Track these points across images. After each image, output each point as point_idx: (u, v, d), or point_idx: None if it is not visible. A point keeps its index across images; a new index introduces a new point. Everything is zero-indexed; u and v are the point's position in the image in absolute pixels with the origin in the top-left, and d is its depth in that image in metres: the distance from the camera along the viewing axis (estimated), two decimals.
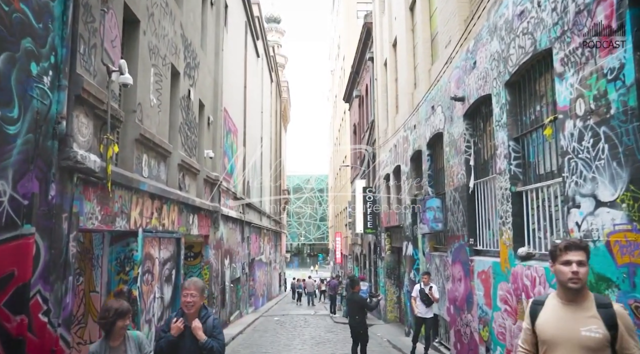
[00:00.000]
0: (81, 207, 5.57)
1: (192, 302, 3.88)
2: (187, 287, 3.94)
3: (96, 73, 5.82)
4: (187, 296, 3.89)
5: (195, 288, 3.92)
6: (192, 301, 3.88)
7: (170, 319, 4.01)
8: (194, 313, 3.92)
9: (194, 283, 3.97)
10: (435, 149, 10.78)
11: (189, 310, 3.90)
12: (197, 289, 3.92)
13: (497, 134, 6.95)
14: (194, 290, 3.91)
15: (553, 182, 5.59)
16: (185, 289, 3.94)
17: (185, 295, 3.90)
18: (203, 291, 3.99)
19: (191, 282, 3.99)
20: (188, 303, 3.88)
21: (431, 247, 10.95)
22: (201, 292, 3.95)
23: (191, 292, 3.90)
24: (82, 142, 5.46)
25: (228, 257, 15.88)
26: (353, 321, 9.25)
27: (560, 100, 5.10)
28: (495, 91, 6.95)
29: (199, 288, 3.95)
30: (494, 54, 6.99)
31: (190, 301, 3.88)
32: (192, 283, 3.96)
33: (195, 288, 3.92)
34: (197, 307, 3.92)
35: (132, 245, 7.50)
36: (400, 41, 14.19)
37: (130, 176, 7.02)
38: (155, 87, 8.38)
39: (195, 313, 3.93)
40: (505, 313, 6.57)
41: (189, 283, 3.97)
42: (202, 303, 3.99)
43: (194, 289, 3.91)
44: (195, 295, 3.90)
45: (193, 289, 3.91)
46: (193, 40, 11.20)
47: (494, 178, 7.35)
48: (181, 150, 10.17)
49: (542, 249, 5.89)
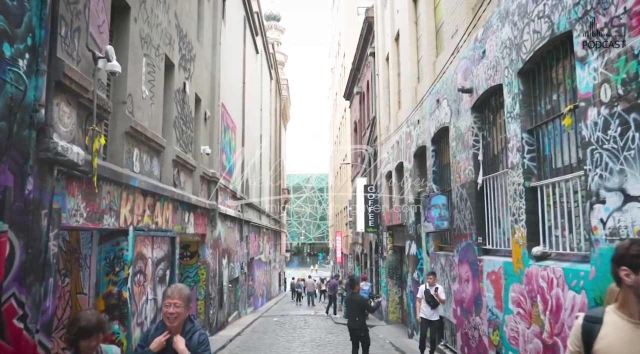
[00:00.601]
0: (63, 203, 5.17)
1: (175, 313, 3.31)
2: (170, 295, 3.34)
3: (80, 59, 5.41)
4: (169, 306, 3.31)
5: (180, 296, 3.34)
6: (176, 312, 3.31)
7: (148, 332, 3.45)
8: (177, 326, 3.35)
9: (178, 291, 3.38)
10: (440, 144, 10.37)
11: (172, 323, 3.32)
12: (182, 298, 3.34)
13: (508, 127, 6.54)
14: (178, 299, 3.33)
15: (572, 176, 5.18)
16: (168, 297, 3.34)
17: (168, 305, 3.32)
18: (189, 300, 3.41)
19: (175, 290, 3.39)
20: (171, 314, 3.30)
21: (436, 246, 10.55)
22: (186, 302, 3.37)
23: (175, 301, 3.32)
24: (64, 133, 5.06)
25: (226, 257, 15.47)
26: (353, 323, 8.81)
27: (582, 86, 4.70)
28: (507, 81, 6.55)
29: (184, 297, 3.36)
30: (505, 41, 6.59)
31: (173, 312, 3.31)
32: (176, 291, 3.36)
33: (180, 296, 3.34)
34: (181, 319, 3.35)
35: (122, 244, 7.09)
36: (403, 34, 13.79)
37: (119, 171, 6.61)
38: (147, 78, 7.97)
39: (179, 326, 3.36)
40: (518, 316, 6.17)
41: (173, 290, 3.38)
42: (187, 315, 3.41)
43: (179, 298, 3.33)
44: (180, 305, 3.32)
45: (177, 299, 3.33)
46: (189, 31, 10.79)
47: (505, 173, 6.95)
48: (176, 145, 9.77)
49: (560, 248, 5.49)
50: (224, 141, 15.25)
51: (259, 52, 25.67)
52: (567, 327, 4.98)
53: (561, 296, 5.11)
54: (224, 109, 15.22)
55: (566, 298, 5.00)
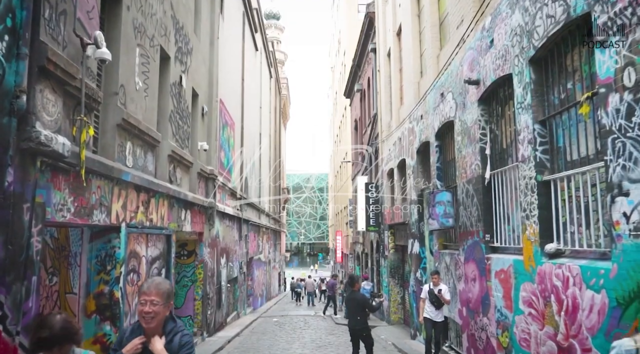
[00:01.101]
0: (48, 197, 4.86)
1: (152, 312, 2.79)
2: (145, 291, 2.82)
3: (66, 44, 5.10)
4: (145, 304, 2.80)
5: (157, 292, 2.82)
6: (153, 311, 2.79)
7: (122, 335, 2.97)
8: (154, 327, 2.83)
9: (155, 285, 2.86)
10: (445, 139, 10.06)
11: (148, 323, 2.81)
12: (160, 294, 2.82)
13: (519, 118, 6.23)
14: (155, 296, 2.81)
15: (590, 168, 4.87)
16: (144, 293, 2.82)
17: (143, 303, 2.80)
18: (169, 297, 2.89)
19: (152, 284, 2.87)
20: (146, 314, 2.79)
21: (440, 244, 10.24)
22: (166, 298, 2.85)
23: (152, 298, 2.80)
24: (48, 122, 4.74)
25: (224, 256, 15.16)
26: (354, 322, 8.45)
27: (602, 71, 4.39)
28: (517, 70, 6.23)
29: (163, 292, 2.84)
30: (515, 28, 6.28)
31: (149, 311, 2.79)
32: (153, 286, 2.85)
33: (157, 292, 2.82)
34: (159, 319, 2.83)
35: (114, 242, 6.78)
36: (405, 28, 13.48)
37: (110, 165, 6.30)
38: (141, 69, 7.66)
39: (157, 327, 2.84)
40: (530, 317, 5.86)
41: (149, 285, 2.86)
42: (167, 314, 2.89)
43: (156, 294, 2.81)
44: (158, 303, 2.81)
45: (154, 295, 2.81)
46: (185, 23, 10.47)
47: (514, 167, 6.64)
48: (172, 140, 9.46)
49: (576, 245, 5.17)
50: (222, 138, 14.94)
51: (259, 50, 25.35)
52: (584, 328, 4.67)
53: (578, 296, 4.79)
54: (223, 105, 14.90)
55: (584, 297, 4.69)
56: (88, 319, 6.49)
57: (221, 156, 14.84)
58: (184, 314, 11.85)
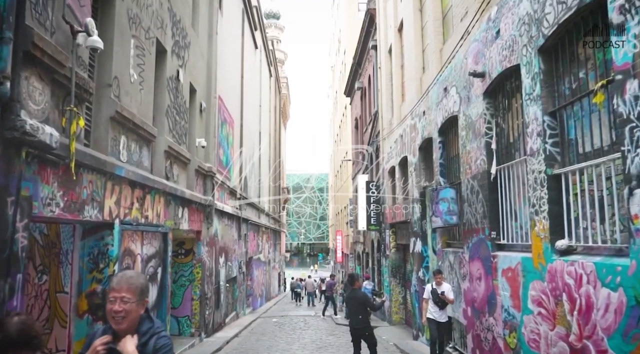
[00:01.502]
0: (35, 191, 4.62)
1: (122, 311, 2.38)
2: (115, 287, 2.43)
3: (55, 30, 4.87)
4: (114, 301, 2.40)
5: (128, 288, 2.41)
6: (123, 309, 2.38)
7: (92, 337, 2.52)
8: (126, 328, 2.41)
9: (126, 280, 2.45)
10: (448, 135, 9.83)
11: (119, 324, 2.40)
12: (132, 290, 2.42)
13: (527, 110, 6.00)
14: (126, 292, 2.40)
15: (604, 160, 4.63)
16: (113, 290, 2.42)
17: (112, 300, 2.40)
18: (142, 293, 2.47)
19: (122, 279, 2.46)
20: (116, 313, 2.39)
21: (443, 243, 10.00)
22: (139, 295, 2.45)
23: (122, 295, 2.39)
24: (35, 111, 4.51)
25: (223, 256, 14.92)
26: (355, 322, 8.19)
27: (619, 57, 4.15)
28: (526, 60, 6.00)
29: (135, 288, 2.43)
30: (523, 17, 6.04)
31: (119, 309, 2.38)
32: (123, 281, 2.44)
33: (128, 288, 2.41)
34: (132, 319, 2.42)
35: (107, 239, 6.55)
36: (407, 24, 13.24)
37: (103, 159, 6.06)
38: (136, 61, 7.43)
39: (129, 328, 2.42)
40: (540, 317, 5.62)
41: (119, 280, 2.46)
42: (142, 313, 2.48)
43: (127, 290, 2.41)
44: (129, 300, 2.40)
45: (125, 291, 2.40)
46: (183, 17, 10.24)
47: (522, 161, 6.41)
48: (168, 136, 9.22)
49: (589, 241, 4.93)
50: (221, 135, 14.70)
51: (258, 48, 25.12)
52: (600, 329, 4.43)
53: (592, 294, 4.56)
54: (221, 102, 14.67)
55: (599, 296, 4.45)
56: (80, 319, 6.25)
57: (220, 153, 14.61)
58: (182, 314, 11.63)
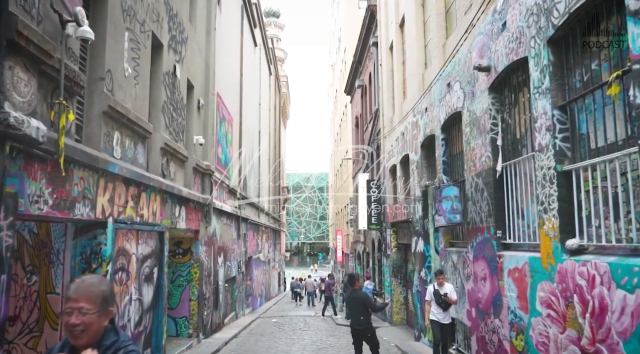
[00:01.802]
0: (21, 187, 4.40)
1: (80, 324, 1.99)
2: (71, 296, 2.02)
3: (42, 19, 4.64)
4: (71, 313, 2.00)
5: (87, 297, 2.02)
6: (82, 322, 1.99)
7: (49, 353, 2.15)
8: (86, 343, 2.01)
9: (85, 288, 2.05)
10: (451, 132, 9.60)
11: (77, 340, 2.01)
12: (92, 299, 2.02)
13: (535, 104, 5.77)
14: (85, 302, 2.01)
15: (619, 155, 4.41)
16: (69, 300, 2.02)
17: (69, 312, 2.00)
18: (105, 301, 2.07)
19: (80, 286, 2.05)
20: (74, 326, 1.98)
21: (446, 242, 9.78)
22: (100, 304, 2.04)
23: (79, 306, 2.00)
24: (20, 103, 4.29)
25: (222, 255, 14.70)
26: (357, 323, 7.97)
27: (636, 46, 3.93)
28: (534, 52, 5.78)
29: (96, 297, 2.04)
30: (531, 7, 5.82)
31: (77, 322, 1.98)
32: (81, 289, 2.04)
33: (87, 297, 2.02)
34: (92, 333, 2.02)
35: (100, 238, 6.33)
36: (408, 19, 13.02)
37: (95, 155, 5.84)
38: (130, 54, 7.20)
39: (90, 343, 2.02)
40: (549, 319, 5.40)
41: (76, 288, 2.05)
42: (105, 324, 2.09)
43: (86, 299, 2.01)
44: (89, 311, 2.00)
45: (84, 301, 2.01)
46: (180, 11, 10.02)
47: (530, 158, 6.18)
48: (165, 132, 9.00)
49: (602, 240, 4.71)
50: (219, 133, 14.48)
51: (258, 45, 24.88)
52: (614, 332, 4.21)
53: (606, 296, 4.33)
54: (220, 99, 14.45)
55: (613, 298, 4.23)
56: None
57: (218, 151, 14.38)
58: (179, 315, 11.41)
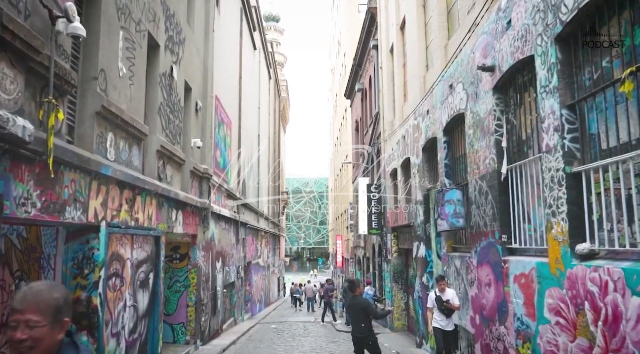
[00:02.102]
0: (7, 189, 4.20)
1: (28, 340, 1.71)
2: (17, 307, 1.73)
3: (30, 14, 4.46)
4: (17, 327, 1.71)
5: (36, 308, 1.72)
6: (30, 337, 1.71)
7: None
8: None
9: (32, 296, 1.74)
10: (454, 134, 9.41)
11: None
12: (42, 310, 1.73)
13: (543, 104, 5.58)
14: (33, 314, 1.72)
15: (633, 155, 4.20)
16: (16, 312, 1.73)
17: (14, 325, 1.72)
18: (58, 312, 1.77)
19: (27, 295, 1.75)
20: (21, 343, 1.70)
21: (449, 247, 9.57)
22: (53, 315, 1.75)
23: (26, 318, 1.71)
24: (5, 101, 4.10)
25: (220, 260, 14.47)
26: (358, 331, 7.72)
27: None
28: (541, 50, 5.59)
29: (46, 307, 1.74)
30: (538, 4, 5.64)
31: (23, 338, 1.70)
32: (28, 298, 1.74)
33: (36, 308, 1.72)
34: (45, 349, 1.74)
35: (93, 243, 6.13)
36: (410, 21, 12.86)
37: (87, 157, 5.65)
38: (125, 54, 7.02)
39: None
40: (558, 327, 5.19)
41: (23, 297, 1.75)
42: (60, 338, 1.80)
43: (34, 311, 1.72)
44: (38, 324, 1.72)
45: (32, 312, 1.72)
46: (177, 11, 9.85)
47: (537, 160, 5.99)
48: (161, 135, 8.81)
49: (615, 245, 4.51)
50: (218, 136, 14.29)
51: (257, 49, 24.75)
52: (630, 342, 4.00)
53: (621, 304, 4.12)
54: (219, 102, 14.27)
55: (628, 305, 4.02)
56: None
57: (217, 155, 14.19)
58: (176, 321, 11.18)
